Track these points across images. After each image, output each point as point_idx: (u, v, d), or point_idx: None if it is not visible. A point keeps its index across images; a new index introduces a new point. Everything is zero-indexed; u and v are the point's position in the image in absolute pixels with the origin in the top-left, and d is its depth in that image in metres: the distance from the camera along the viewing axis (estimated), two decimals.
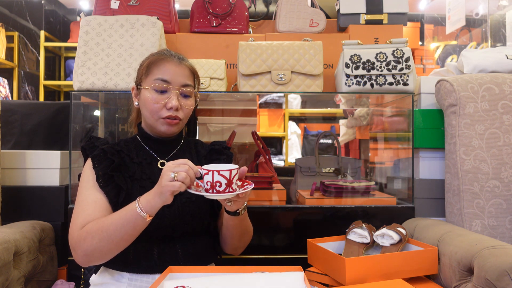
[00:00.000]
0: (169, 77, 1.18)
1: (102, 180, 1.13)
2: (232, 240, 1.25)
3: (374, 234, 1.40)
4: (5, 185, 1.61)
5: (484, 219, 1.46)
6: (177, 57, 1.22)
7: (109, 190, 1.13)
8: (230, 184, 1.00)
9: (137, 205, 1.02)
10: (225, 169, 0.99)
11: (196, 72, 1.27)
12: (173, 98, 1.17)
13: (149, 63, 1.21)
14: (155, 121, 1.19)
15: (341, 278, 1.19)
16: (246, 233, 1.25)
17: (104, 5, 1.83)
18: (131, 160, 1.20)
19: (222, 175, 0.99)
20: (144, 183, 1.17)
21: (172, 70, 1.19)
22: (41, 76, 4.04)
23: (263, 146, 1.95)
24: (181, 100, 1.20)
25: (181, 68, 1.20)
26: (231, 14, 1.90)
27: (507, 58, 1.68)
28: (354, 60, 1.64)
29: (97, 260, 1.08)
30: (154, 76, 1.18)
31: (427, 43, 4.38)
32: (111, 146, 1.19)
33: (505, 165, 1.48)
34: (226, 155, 1.31)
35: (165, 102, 1.17)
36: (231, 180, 1.00)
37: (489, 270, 1.04)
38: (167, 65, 1.19)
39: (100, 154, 1.16)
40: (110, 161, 1.15)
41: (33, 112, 1.93)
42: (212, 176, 0.99)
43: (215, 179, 0.99)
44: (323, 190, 1.78)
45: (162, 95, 1.18)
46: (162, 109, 1.18)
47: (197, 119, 2.27)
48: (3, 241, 1.28)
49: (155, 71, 1.19)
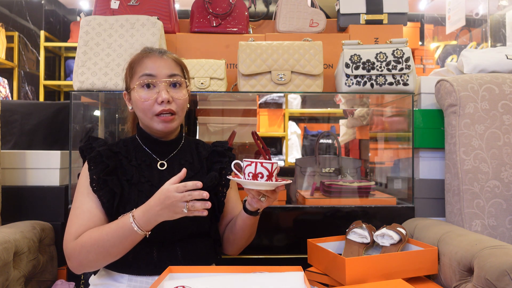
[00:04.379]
0: (153, 71, 1.15)
1: (96, 184, 1.12)
2: (241, 240, 1.25)
3: (374, 234, 1.40)
4: (5, 185, 1.61)
5: (484, 219, 1.46)
6: (158, 51, 1.20)
7: (102, 194, 1.12)
8: (271, 176, 1.04)
9: (133, 223, 1.02)
10: (268, 162, 1.04)
11: (182, 62, 1.24)
12: (162, 91, 1.14)
13: (131, 63, 1.20)
14: (150, 120, 1.16)
15: (341, 278, 1.19)
16: (253, 233, 1.26)
17: (104, 5, 1.83)
18: (129, 163, 1.18)
19: (264, 167, 1.03)
20: (142, 186, 1.15)
21: (155, 63, 1.17)
22: (41, 76, 4.04)
23: (263, 146, 1.95)
24: (172, 92, 1.16)
25: (165, 60, 1.18)
26: (231, 14, 1.90)
27: (507, 58, 1.68)
28: (354, 60, 1.64)
29: (92, 269, 1.11)
30: (139, 74, 1.16)
31: (427, 43, 4.38)
32: (109, 148, 1.18)
33: (505, 165, 1.48)
34: (228, 157, 1.29)
35: (155, 98, 1.14)
36: (272, 173, 1.04)
37: (489, 270, 1.04)
38: (149, 60, 1.17)
39: (96, 156, 1.14)
40: (105, 165, 1.13)
41: (33, 112, 1.93)
42: (255, 167, 1.03)
43: (257, 170, 1.03)
44: (323, 190, 1.78)
45: (151, 90, 1.15)
46: (153, 105, 1.15)
47: (197, 119, 2.27)
48: (3, 241, 1.28)
49: (139, 69, 1.17)
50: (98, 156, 1.15)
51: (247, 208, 1.17)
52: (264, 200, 1.10)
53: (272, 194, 1.09)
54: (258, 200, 1.10)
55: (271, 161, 1.05)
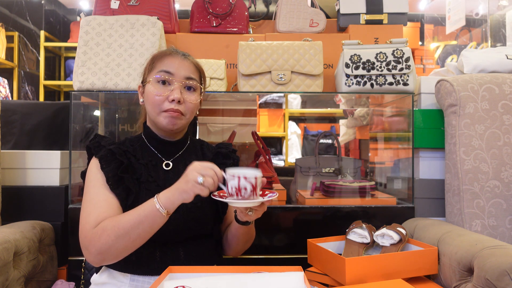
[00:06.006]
0: (172, 69, 1.17)
1: (112, 182, 1.11)
2: (237, 246, 1.25)
3: (374, 234, 1.40)
4: (5, 185, 1.61)
5: (484, 219, 1.46)
6: (182, 53, 1.22)
7: (119, 192, 1.11)
8: (255, 189, 0.99)
9: (156, 201, 1.01)
10: (252, 176, 0.97)
11: (202, 69, 1.26)
12: (175, 90, 1.15)
13: (154, 57, 1.21)
14: (157, 115, 1.16)
15: (341, 278, 1.19)
16: (251, 238, 1.26)
17: (104, 5, 1.83)
18: (137, 161, 1.18)
19: (249, 182, 0.97)
20: (150, 185, 1.15)
21: (176, 63, 1.18)
22: (41, 76, 4.04)
23: (263, 146, 1.95)
24: (185, 94, 1.17)
25: (186, 62, 1.20)
26: (231, 14, 1.90)
27: (507, 58, 1.68)
28: (354, 60, 1.64)
29: (110, 258, 1.06)
30: (158, 69, 1.17)
31: (427, 43, 4.39)
32: (118, 146, 1.17)
33: (505, 165, 1.48)
34: (233, 159, 1.29)
35: (167, 95, 1.15)
36: (256, 187, 0.99)
37: (489, 270, 1.04)
38: (172, 59, 1.19)
39: (108, 155, 1.14)
40: (119, 162, 1.13)
41: (33, 112, 1.93)
42: (238, 181, 0.97)
43: (241, 185, 0.97)
44: (323, 190, 1.78)
45: (165, 87, 1.16)
46: (164, 101, 1.15)
47: (197, 119, 2.27)
48: (3, 241, 1.28)
49: (159, 64, 1.18)
50: (110, 154, 1.14)
51: (238, 219, 1.16)
52: (252, 214, 1.08)
53: (260, 207, 1.07)
54: (246, 214, 1.08)
55: (255, 173, 0.98)
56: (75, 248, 1.58)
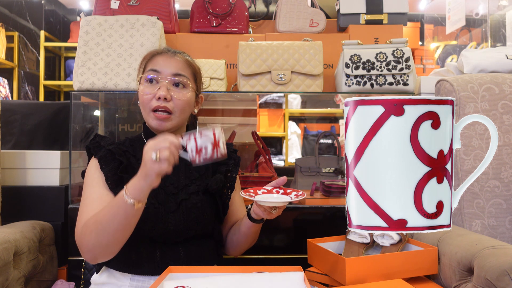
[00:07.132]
0: (159, 67, 1.16)
1: (112, 182, 1.11)
2: (245, 244, 1.25)
3: (374, 234, 1.40)
4: (5, 185, 1.61)
5: (484, 219, 1.46)
6: (172, 51, 1.21)
7: (119, 192, 1.09)
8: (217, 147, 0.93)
9: (124, 192, 0.98)
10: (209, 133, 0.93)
11: (194, 66, 1.23)
12: (162, 88, 1.13)
13: (144, 57, 1.22)
14: (147, 115, 1.16)
15: (341, 278, 1.19)
16: (257, 236, 1.26)
17: (104, 5, 1.83)
18: (137, 161, 1.17)
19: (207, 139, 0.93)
20: None
21: (164, 61, 1.17)
22: (41, 76, 4.04)
23: (263, 146, 1.95)
24: (172, 91, 1.15)
25: (174, 60, 1.18)
26: (231, 14, 1.90)
27: (507, 58, 1.68)
28: (354, 60, 1.64)
29: (101, 255, 1.04)
30: (147, 69, 1.18)
31: (427, 43, 4.39)
32: (117, 147, 1.17)
33: (505, 165, 1.48)
34: (233, 159, 1.28)
35: (154, 93, 1.14)
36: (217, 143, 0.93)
37: (489, 270, 1.04)
38: (160, 57, 1.19)
39: (107, 155, 1.14)
40: (119, 162, 1.13)
41: (33, 112, 1.93)
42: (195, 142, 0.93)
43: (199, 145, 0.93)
44: (323, 190, 1.78)
45: (153, 86, 1.15)
46: (151, 100, 1.14)
47: (197, 119, 2.27)
48: (3, 241, 1.28)
49: (148, 64, 1.19)
50: (109, 154, 1.14)
51: (252, 217, 1.15)
52: (275, 212, 1.08)
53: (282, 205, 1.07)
54: (269, 212, 1.08)
55: (212, 129, 0.93)
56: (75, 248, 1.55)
